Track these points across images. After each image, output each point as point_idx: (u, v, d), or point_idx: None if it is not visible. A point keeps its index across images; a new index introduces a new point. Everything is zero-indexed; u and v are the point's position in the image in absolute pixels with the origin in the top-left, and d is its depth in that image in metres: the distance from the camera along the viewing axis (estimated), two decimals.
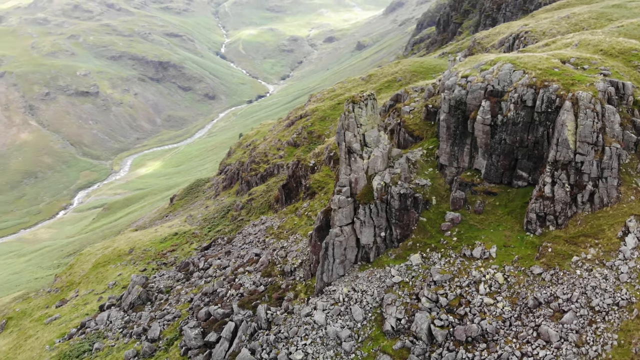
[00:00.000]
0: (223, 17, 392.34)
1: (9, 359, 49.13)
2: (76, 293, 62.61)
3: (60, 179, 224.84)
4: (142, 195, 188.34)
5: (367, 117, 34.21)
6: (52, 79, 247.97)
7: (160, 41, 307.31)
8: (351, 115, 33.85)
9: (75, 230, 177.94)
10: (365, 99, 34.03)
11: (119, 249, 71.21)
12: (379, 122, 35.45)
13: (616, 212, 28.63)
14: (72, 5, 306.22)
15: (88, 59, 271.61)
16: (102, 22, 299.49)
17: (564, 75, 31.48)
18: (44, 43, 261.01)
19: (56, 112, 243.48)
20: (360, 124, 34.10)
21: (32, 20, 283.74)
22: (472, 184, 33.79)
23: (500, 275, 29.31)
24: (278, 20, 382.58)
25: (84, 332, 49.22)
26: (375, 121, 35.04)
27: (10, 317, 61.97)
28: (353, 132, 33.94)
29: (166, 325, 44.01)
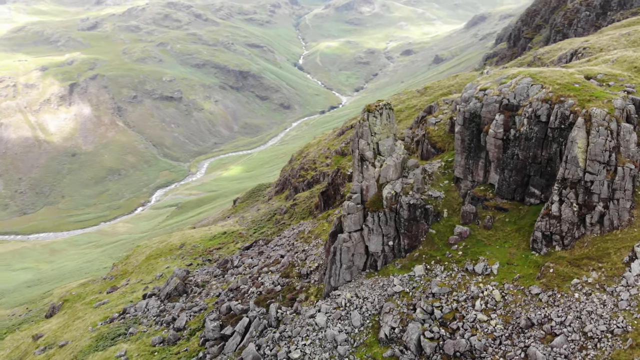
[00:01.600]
0: (303, 29, 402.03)
1: (56, 337, 53.74)
2: (127, 282, 67.21)
3: (141, 177, 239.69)
4: (213, 197, 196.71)
5: (382, 126, 34.67)
6: (140, 83, 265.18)
7: (242, 51, 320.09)
8: (365, 123, 34.48)
9: (150, 226, 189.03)
10: (381, 108, 34.53)
11: (172, 244, 75.54)
12: (395, 132, 35.76)
13: (626, 235, 27.12)
14: (162, 14, 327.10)
15: (174, 66, 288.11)
16: (189, 32, 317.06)
17: (582, 91, 30.31)
18: (134, 49, 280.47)
19: (142, 114, 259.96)
20: (375, 132, 34.62)
21: (125, 27, 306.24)
22: (484, 198, 33.20)
23: (498, 292, 28.63)
24: (356, 33, 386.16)
25: (124, 317, 52.87)
26: (391, 131, 35.39)
27: (66, 299, 67.63)
28: (366, 140, 34.52)
29: (192, 316, 46.42)
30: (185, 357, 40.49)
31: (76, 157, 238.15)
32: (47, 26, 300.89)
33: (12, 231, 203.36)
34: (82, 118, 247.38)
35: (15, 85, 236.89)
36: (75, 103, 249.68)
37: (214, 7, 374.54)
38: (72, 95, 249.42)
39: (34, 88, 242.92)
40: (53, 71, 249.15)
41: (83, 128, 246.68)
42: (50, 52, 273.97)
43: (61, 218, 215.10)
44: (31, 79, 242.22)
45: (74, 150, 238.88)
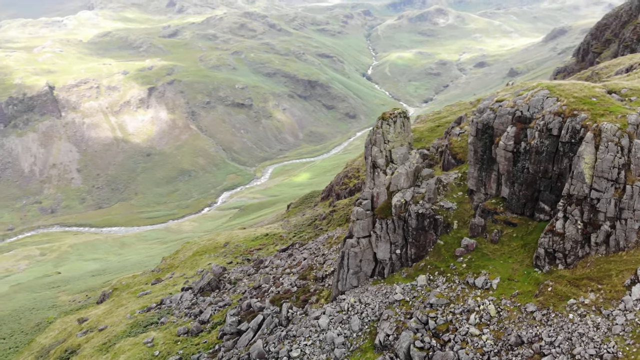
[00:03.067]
0: (374, 39, 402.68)
1: (99, 322, 57.65)
2: (171, 275, 70.72)
3: (210, 179, 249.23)
4: (274, 201, 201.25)
5: (395, 134, 34.89)
6: (214, 89, 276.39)
7: (312, 61, 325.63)
8: (379, 131, 34.85)
9: (213, 226, 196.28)
10: (395, 116, 34.78)
11: (217, 242, 78.62)
12: (410, 141, 35.83)
13: (631, 257, 25.67)
14: (239, 24, 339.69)
15: (247, 74, 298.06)
16: (263, 41, 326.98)
17: (598, 105, 29.05)
18: (210, 57, 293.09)
19: (214, 119, 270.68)
20: (388, 140, 34.90)
21: (202, 36, 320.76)
22: (494, 212, 32.49)
23: (494, 307, 27.96)
24: (429, 44, 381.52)
25: (160, 307, 55.86)
26: (406, 139, 35.51)
27: (116, 288, 72.18)
28: (379, 148, 34.87)
29: (217, 310, 48.36)
30: (203, 348, 42.35)
31: (151, 157, 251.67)
32: (131, 32, 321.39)
33: (87, 223, 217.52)
34: (159, 120, 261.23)
35: (98, 87, 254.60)
36: (152, 106, 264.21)
37: (288, 17, 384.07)
38: (150, 99, 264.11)
39: (116, 90, 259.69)
40: (134, 75, 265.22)
41: (159, 130, 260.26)
42: (132, 57, 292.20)
43: (133, 214, 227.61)
44: (113, 82, 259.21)
45: (149, 151, 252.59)
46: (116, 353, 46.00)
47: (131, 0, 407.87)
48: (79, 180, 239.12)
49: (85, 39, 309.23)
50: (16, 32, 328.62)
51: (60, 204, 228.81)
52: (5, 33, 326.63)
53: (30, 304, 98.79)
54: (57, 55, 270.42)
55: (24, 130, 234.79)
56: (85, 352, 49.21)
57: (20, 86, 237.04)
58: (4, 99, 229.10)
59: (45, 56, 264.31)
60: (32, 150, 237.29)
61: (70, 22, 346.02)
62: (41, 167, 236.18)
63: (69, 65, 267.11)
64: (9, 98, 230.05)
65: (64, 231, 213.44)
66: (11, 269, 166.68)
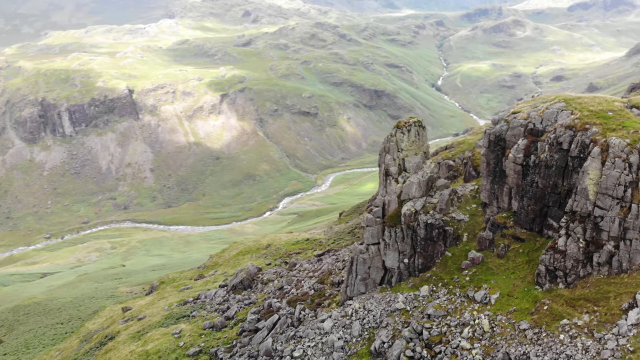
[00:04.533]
0: (446, 50, 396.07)
1: (140, 311, 61.09)
2: (214, 272, 73.58)
3: (272, 185, 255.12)
4: (332, 209, 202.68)
5: (409, 143, 34.93)
6: (282, 97, 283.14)
7: (380, 71, 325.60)
8: (393, 139, 35.06)
9: (273, 229, 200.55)
10: (410, 125, 34.86)
11: (260, 244, 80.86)
12: (425, 150, 35.72)
13: (632, 280, 24.27)
14: (309, 34, 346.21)
15: (314, 83, 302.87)
16: (332, 51, 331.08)
17: (613, 119, 27.73)
18: (280, 66, 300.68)
19: (280, 126, 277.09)
20: (401, 148, 35.01)
21: (275, 45, 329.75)
22: (504, 226, 31.68)
23: (487, 322, 27.33)
24: (503, 55, 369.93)
25: (195, 302, 58.39)
26: (421, 148, 35.45)
27: (163, 281, 76.03)
28: (392, 156, 35.05)
29: (242, 308, 49.98)
30: (222, 342, 43.98)
31: (219, 160, 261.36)
32: (208, 41, 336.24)
33: (157, 221, 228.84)
34: (229, 126, 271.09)
35: (174, 92, 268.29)
36: (224, 112, 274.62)
37: (359, 27, 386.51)
38: (222, 105, 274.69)
39: (190, 96, 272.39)
40: (208, 82, 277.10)
41: (228, 135, 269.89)
42: (207, 64, 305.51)
43: (199, 214, 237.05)
44: (188, 88, 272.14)
45: (218, 154, 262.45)
46: (146, 341, 48.71)
47: (209, 10, 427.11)
48: (151, 180, 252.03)
49: (165, 46, 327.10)
50: (101, 37, 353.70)
51: (133, 201, 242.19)
52: (91, 38, 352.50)
53: (91, 292, 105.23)
54: (137, 60, 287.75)
55: (104, 130, 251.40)
56: (120, 339, 52.45)
57: (102, 89, 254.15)
58: (86, 100, 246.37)
59: (127, 61, 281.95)
60: (110, 149, 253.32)
61: (151, 29, 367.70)
62: (117, 165, 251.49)
63: (148, 71, 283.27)
64: (91, 99, 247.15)
65: (134, 227, 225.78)
66: (83, 260, 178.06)
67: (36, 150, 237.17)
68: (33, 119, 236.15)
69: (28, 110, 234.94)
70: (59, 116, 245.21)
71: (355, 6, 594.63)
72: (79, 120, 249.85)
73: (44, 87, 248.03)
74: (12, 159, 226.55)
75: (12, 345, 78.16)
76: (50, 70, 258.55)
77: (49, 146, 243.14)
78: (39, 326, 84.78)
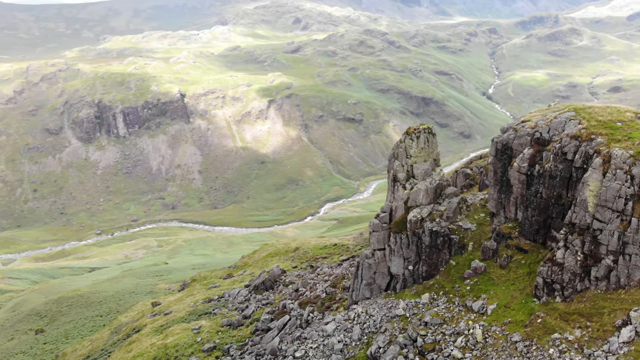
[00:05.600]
0: (499, 58, 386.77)
1: (168, 307, 63.27)
2: (242, 272, 75.13)
3: (315, 190, 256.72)
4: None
5: (418, 150, 34.89)
6: (327, 104, 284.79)
7: (428, 78, 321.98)
8: (402, 145, 35.14)
9: (314, 234, 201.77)
10: (419, 131, 34.84)
11: (289, 247, 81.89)
12: (435, 157, 35.55)
13: (629, 297, 23.34)
14: (358, 41, 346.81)
15: (360, 90, 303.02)
16: (380, 58, 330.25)
17: (621, 130, 26.76)
18: (327, 72, 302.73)
19: (324, 132, 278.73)
20: (410, 155, 35.01)
21: (323, 52, 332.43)
22: (508, 236, 31.08)
23: (481, 333, 26.91)
24: (558, 65, 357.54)
25: (219, 300, 59.91)
26: (430, 155, 35.32)
27: (195, 279, 78.30)
28: (401, 162, 35.11)
29: (259, 308, 50.97)
30: (236, 340, 45.02)
31: (264, 164, 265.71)
32: (258, 47, 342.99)
33: (202, 221, 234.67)
34: (274, 131, 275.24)
35: (224, 97, 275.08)
36: (270, 117, 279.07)
37: (409, 34, 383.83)
38: (269, 110, 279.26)
39: (239, 101, 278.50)
40: (256, 88, 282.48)
41: (274, 140, 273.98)
42: (256, 70, 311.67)
43: (243, 216, 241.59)
44: (238, 93, 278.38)
45: (263, 159, 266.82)
46: (167, 335, 50.48)
47: (261, 17, 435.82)
48: (199, 181, 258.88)
49: (216, 52, 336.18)
50: (157, 43, 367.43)
51: (181, 201, 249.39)
52: (147, 43, 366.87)
53: (132, 288, 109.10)
54: (190, 65, 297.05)
55: (156, 132, 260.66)
56: (144, 331, 54.56)
57: (155, 92, 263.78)
58: (140, 102, 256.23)
59: (180, 66, 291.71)
60: (161, 151, 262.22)
61: (205, 35, 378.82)
62: (167, 166, 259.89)
63: (200, 76, 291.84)
64: (145, 102, 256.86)
65: (181, 226, 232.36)
66: (130, 257, 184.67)
67: (91, 150, 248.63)
68: (89, 119, 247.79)
69: (85, 111, 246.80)
70: (114, 118, 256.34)
71: (406, 13, 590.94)
72: (133, 122, 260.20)
73: (100, 89, 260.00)
74: (69, 157, 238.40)
75: (53, 334, 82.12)
76: (107, 73, 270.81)
77: (104, 146, 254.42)
78: (79, 317, 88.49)
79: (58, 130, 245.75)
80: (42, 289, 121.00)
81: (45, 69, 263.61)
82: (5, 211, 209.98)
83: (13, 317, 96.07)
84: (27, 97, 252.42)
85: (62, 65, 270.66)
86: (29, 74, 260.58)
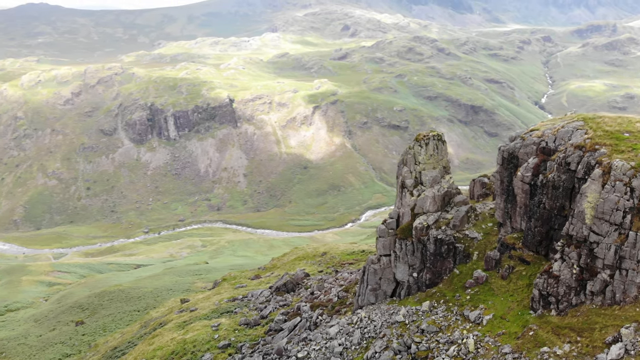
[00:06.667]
0: (553, 67, 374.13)
1: (195, 304, 65.17)
2: (270, 274, 76.29)
3: (356, 197, 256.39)
4: None
5: (427, 157, 34.78)
6: (372, 110, 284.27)
7: (478, 86, 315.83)
8: (410, 151, 35.13)
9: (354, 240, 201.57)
10: (428, 138, 34.74)
11: (318, 251, 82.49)
12: (444, 164, 35.33)
13: (623, 313, 22.47)
14: (407, 48, 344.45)
15: (407, 97, 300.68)
16: (429, 65, 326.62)
17: (627, 141, 25.80)
18: (373, 79, 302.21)
19: (368, 139, 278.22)
20: (419, 162, 34.95)
21: (370, 59, 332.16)
22: (512, 247, 30.48)
23: (473, 343, 26.55)
24: (615, 75, 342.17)
25: (242, 300, 61.17)
26: (439, 162, 35.13)
27: (225, 278, 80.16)
28: (409, 168, 35.10)
29: (276, 309, 51.74)
30: (250, 339, 45.96)
31: (307, 169, 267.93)
32: (305, 54, 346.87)
33: (245, 223, 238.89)
34: (318, 137, 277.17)
35: (270, 102, 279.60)
36: (314, 123, 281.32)
37: (459, 41, 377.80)
38: (313, 116, 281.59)
39: (285, 107, 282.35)
40: (302, 94, 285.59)
41: (317, 146, 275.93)
42: (303, 77, 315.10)
43: (284, 220, 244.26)
44: (284, 99, 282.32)
45: (306, 164, 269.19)
46: (187, 331, 52.10)
47: (310, 25, 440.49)
48: (244, 184, 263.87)
49: (265, 59, 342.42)
50: (209, 49, 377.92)
51: (226, 203, 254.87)
52: (199, 49, 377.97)
53: (171, 285, 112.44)
54: (239, 71, 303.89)
55: (204, 135, 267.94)
56: (168, 326, 56.46)
57: (205, 97, 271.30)
58: (191, 107, 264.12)
59: (229, 72, 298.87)
60: (209, 154, 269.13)
61: (255, 42, 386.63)
62: (214, 169, 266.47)
63: (248, 82, 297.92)
64: (195, 107, 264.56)
65: (225, 227, 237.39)
66: (174, 255, 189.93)
67: (142, 151, 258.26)
68: (142, 122, 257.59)
69: (138, 114, 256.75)
70: (165, 120, 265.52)
71: (458, 20, 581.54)
72: (183, 125, 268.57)
73: (153, 93, 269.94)
74: (121, 158, 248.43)
75: (92, 327, 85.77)
76: (160, 77, 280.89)
77: (154, 148, 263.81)
78: (118, 311, 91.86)
79: (112, 132, 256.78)
80: (88, 283, 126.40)
81: (102, 72, 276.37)
82: (59, 207, 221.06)
83: (57, 308, 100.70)
84: (84, 98, 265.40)
85: (118, 69, 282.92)
86: (86, 76, 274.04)
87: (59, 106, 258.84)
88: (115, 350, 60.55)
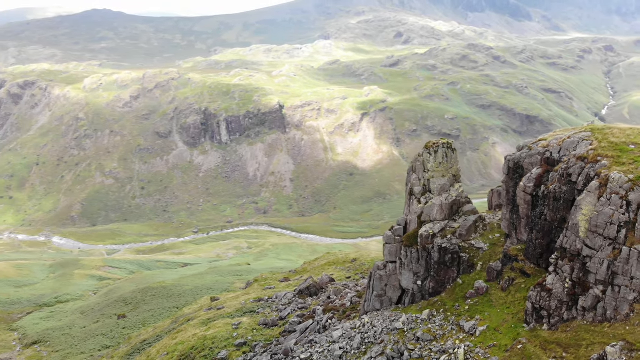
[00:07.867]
0: (615, 77, 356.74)
1: (223, 303, 66.95)
2: (299, 277, 77.16)
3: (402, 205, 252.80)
4: None
5: (436, 164, 34.62)
6: (422, 118, 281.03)
7: (534, 95, 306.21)
8: (420, 159, 35.07)
9: None
10: (437, 146, 34.58)
11: (348, 257, 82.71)
12: (454, 173, 35.02)
13: (612, 331, 21.60)
14: (461, 55, 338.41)
15: (459, 105, 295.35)
16: (483, 73, 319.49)
17: (630, 153, 24.78)
18: (425, 87, 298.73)
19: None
20: (427, 169, 34.83)
21: (422, 66, 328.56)
22: (515, 259, 29.82)
23: (463, 353, 26.19)
24: None
25: (267, 301, 62.31)
26: (449, 171, 34.87)
27: (256, 279, 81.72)
28: (418, 176, 35.04)
29: (295, 311, 52.42)
30: (265, 339, 46.88)
31: (353, 176, 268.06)
32: (356, 61, 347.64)
33: (290, 227, 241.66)
34: (365, 144, 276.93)
35: (319, 109, 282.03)
36: (362, 130, 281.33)
37: (516, 50, 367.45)
38: (361, 123, 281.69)
39: (333, 113, 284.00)
40: (351, 101, 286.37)
41: (363, 153, 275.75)
42: (353, 84, 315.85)
43: (328, 226, 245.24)
44: (332, 106, 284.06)
45: (352, 170, 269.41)
46: (209, 328, 53.69)
47: (363, 32, 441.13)
48: (290, 189, 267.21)
49: (316, 66, 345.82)
50: (262, 56, 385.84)
51: (272, 207, 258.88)
52: (253, 56, 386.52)
53: (211, 284, 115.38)
54: (290, 78, 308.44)
55: (254, 140, 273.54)
56: (193, 323, 58.37)
57: (257, 103, 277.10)
58: (242, 112, 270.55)
59: (281, 79, 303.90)
60: (258, 158, 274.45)
61: (307, 49, 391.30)
62: (263, 173, 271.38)
63: (299, 88, 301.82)
64: (246, 112, 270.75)
65: (270, 231, 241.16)
66: (221, 256, 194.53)
67: (195, 154, 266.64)
68: (196, 125, 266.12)
69: (192, 118, 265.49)
70: (218, 125, 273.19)
71: (515, 28, 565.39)
72: (234, 130, 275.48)
73: (207, 98, 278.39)
74: (175, 160, 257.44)
75: (132, 321, 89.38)
76: (214, 83, 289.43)
77: (207, 151, 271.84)
78: (158, 307, 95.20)
79: (167, 134, 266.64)
80: (135, 278, 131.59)
81: (160, 77, 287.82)
82: (114, 205, 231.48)
83: (103, 302, 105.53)
84: (142, 102, 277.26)
85: (175, 74, 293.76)
86: (145, 81, 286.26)
87: (118, 109, 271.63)
88: (144, 343, 63.13)
